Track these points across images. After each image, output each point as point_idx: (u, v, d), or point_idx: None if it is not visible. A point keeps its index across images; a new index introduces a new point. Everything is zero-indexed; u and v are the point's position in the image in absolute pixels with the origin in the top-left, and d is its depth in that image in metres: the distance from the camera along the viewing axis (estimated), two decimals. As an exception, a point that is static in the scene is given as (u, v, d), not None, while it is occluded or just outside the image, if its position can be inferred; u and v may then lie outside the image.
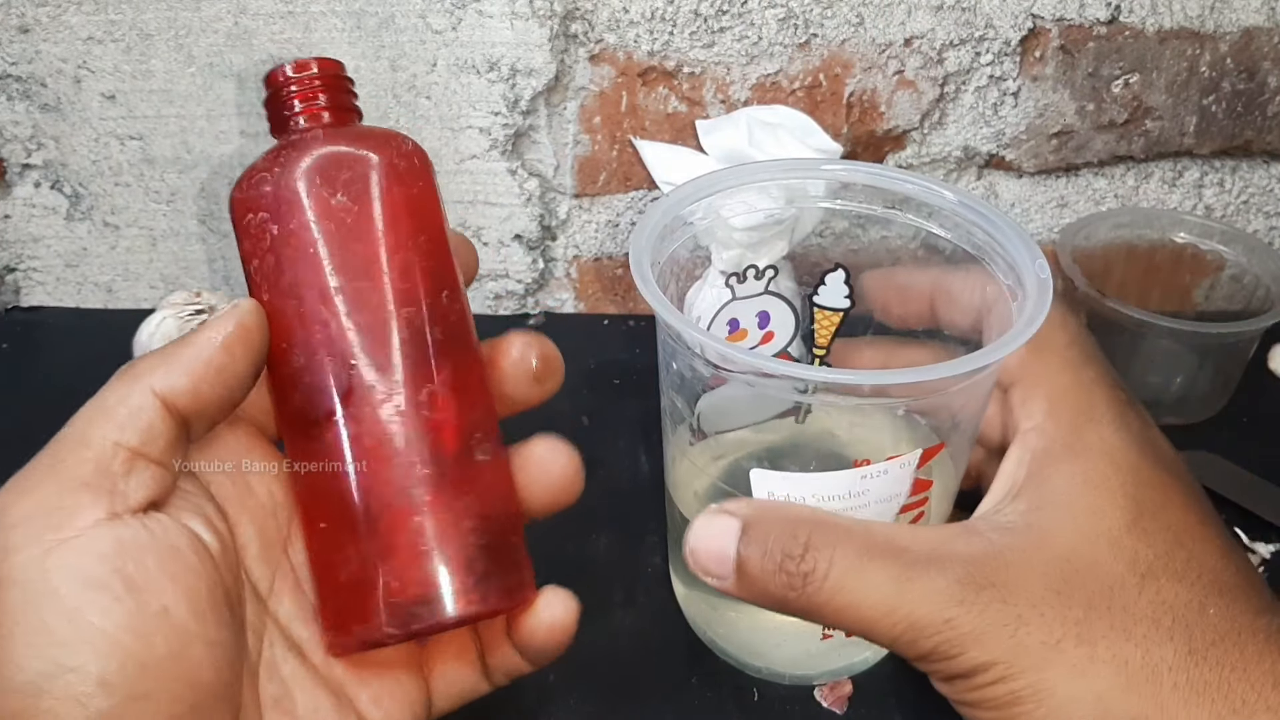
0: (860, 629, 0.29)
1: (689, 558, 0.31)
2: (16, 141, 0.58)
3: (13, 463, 0.52)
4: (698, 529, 0.31)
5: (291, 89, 0.32)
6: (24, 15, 0.55)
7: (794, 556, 0.29)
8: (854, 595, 0.29)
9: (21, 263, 0.62)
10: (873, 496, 0.33)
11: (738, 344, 0.41)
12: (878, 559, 0.29)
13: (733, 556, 0.30)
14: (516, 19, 0.54)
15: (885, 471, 0.33)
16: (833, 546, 0.29)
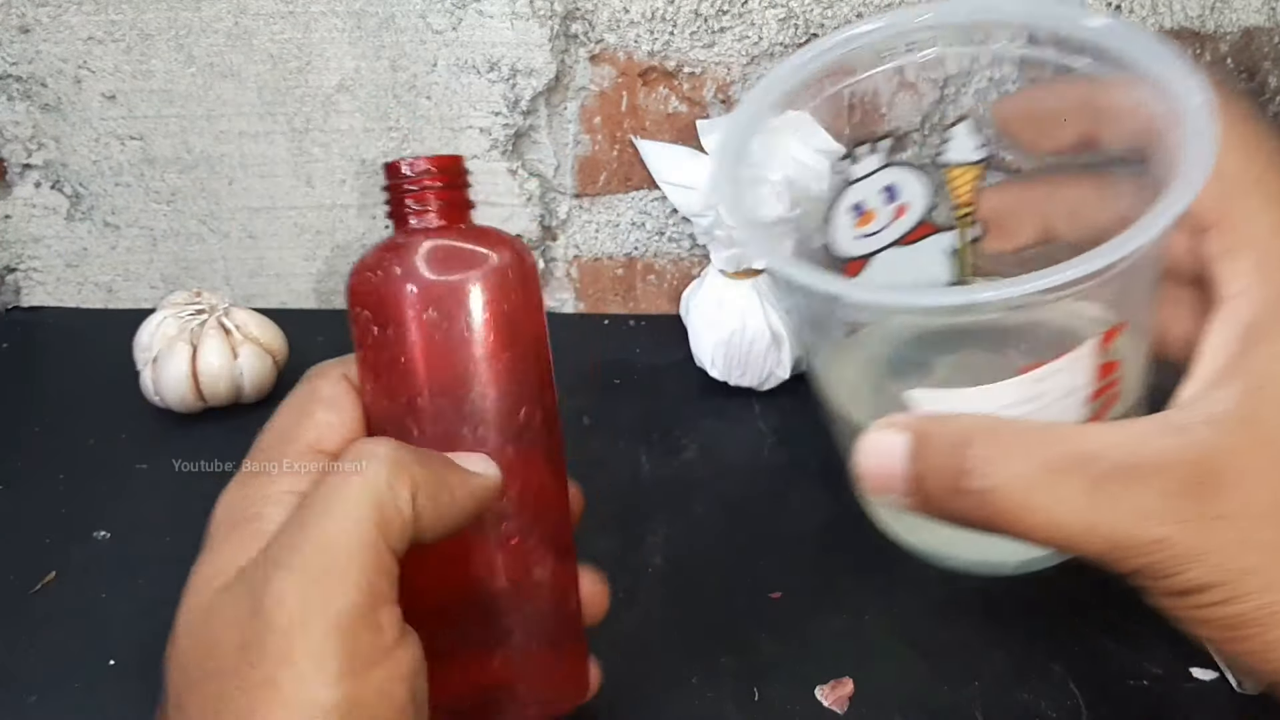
0: (1055, 546, 0.26)
1: (859, 480, 0.28)
2: (17, 141, 0.58)
3: (13, 461, 0.53)
4: (864, 449, 0.28)
5: (406, 187, 0.32)
6: (24, 15, 0.55)
7: (968, 472, 0.26)
8: (1042, 513, 0.25)
9: (22, 263, 0.62)
10: (1051, 396, 0.30)
11: (874, 285, 0.37)
12: (1066, 470, 0.25)
13: (903, 476, 0.27)
14: (517, 19, 0.54)
15: (1059, 369, 0.29)
16: (1011, 458, 0.26)
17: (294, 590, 0.25)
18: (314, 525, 0.26)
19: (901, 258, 0.34)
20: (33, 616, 0.44)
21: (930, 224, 0.38)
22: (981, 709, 0.40)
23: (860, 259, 0.37)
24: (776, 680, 0.41)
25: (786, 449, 0.53)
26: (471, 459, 0.30)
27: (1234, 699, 0.41)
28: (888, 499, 0.28)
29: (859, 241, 0.39)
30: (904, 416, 0.28)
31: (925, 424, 0.28)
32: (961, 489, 0.26)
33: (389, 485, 0.27)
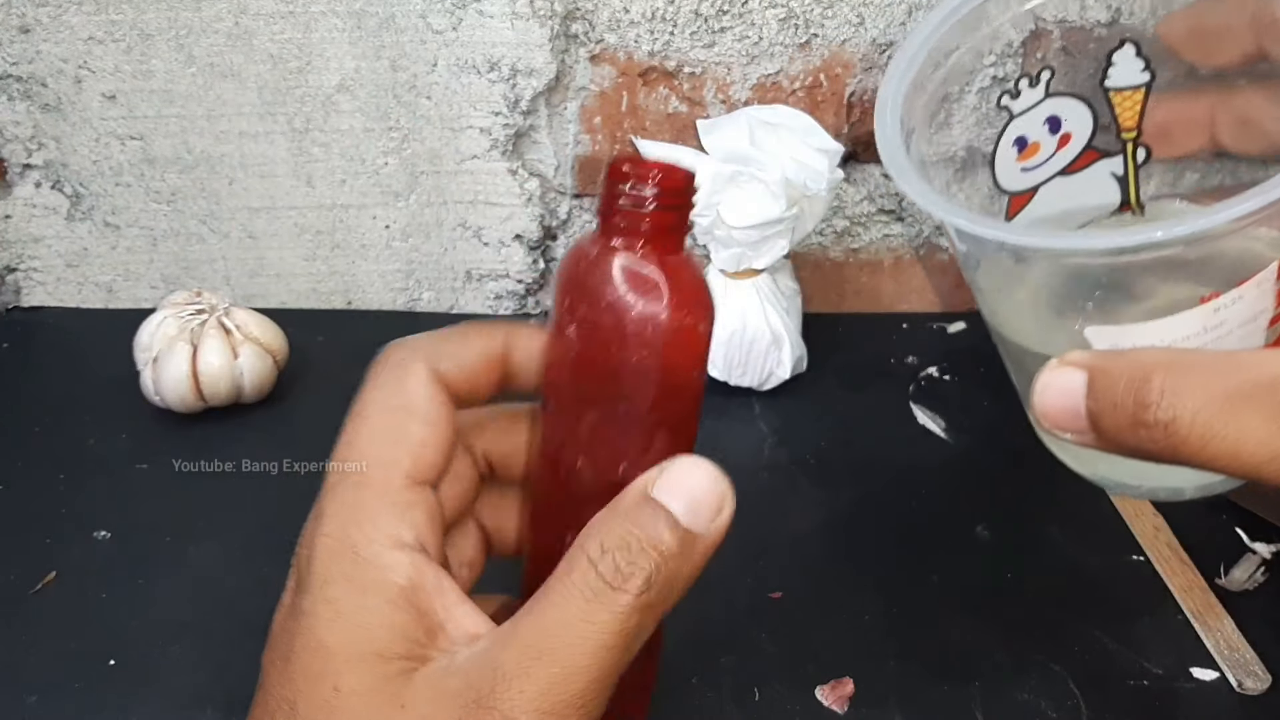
0: (1240, 475, 0.26)
1: (1038, 419, 0.28)
2: (17, 141, 0.58)
3: (13, 461, 0.53)
4: (1041, 387, 0.28)
5: (641, 192, 0.29)
6: (25, 15, 0.55)
7: (1149, 405, 0.26)
8: (1227, 442, 0.25)
9: (22, 263, 0.62)
10: (1232, 324, 0.29)
11: (1035, 228, 0.36)
12: (1251, 397, 0.25)
13: (1082, 413, 0.27)
14: (517, 19, 0.54)
15: (1240, 297, 0.29)
16: (1193, 389, 0.25)
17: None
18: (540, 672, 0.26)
19: (1068, 187, 0.34)
20: (33, 616, 0.44)
21: (1095, 150, 0.38)
22: (981, 709, 0.40)
23: (1026, 192, 0.37)
24: (777, 680, 0.41)
25: (786, 448, 0.53)
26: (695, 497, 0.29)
27: (1234, 699, 0.41)
28: (1066, 436, 0.28)
29: (1024, 175, 0.39)
30: (1080, 353, 0.28)
31: (1103, 360, 0.27)
32: (1142, 422, 0.26)
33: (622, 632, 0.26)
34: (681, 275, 0.29)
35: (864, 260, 0.62)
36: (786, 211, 0.51)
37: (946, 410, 0.55)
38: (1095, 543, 0.47)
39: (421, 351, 0.31)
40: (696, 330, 0.30)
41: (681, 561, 0.27)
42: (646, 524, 0.27)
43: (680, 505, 0.28)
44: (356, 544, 0.27)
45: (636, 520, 0.27)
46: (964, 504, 0.49)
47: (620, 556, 0.26)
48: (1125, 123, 0.38)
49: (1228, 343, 0.30)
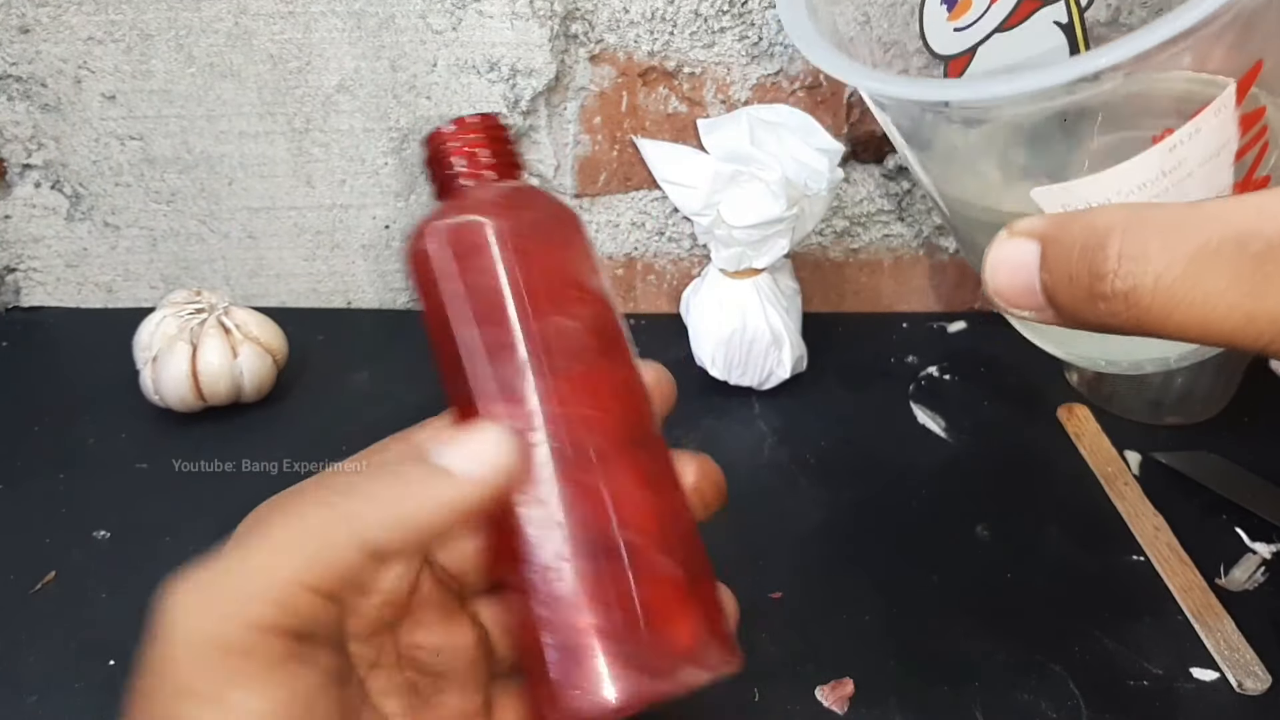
0: (1212, 341, 0.24)
1: (992, 298, 0.26)
2: (17, 142, 0.58)
3: (13, 461, 0.53)
4: (992, 263, 0.25)
5: (446, 146, 0.30)
6: (24, 15, 0.55)
7: (1105, 275, 0.23)
8: (1194, 308, 0.23)
9: (22, 263, 0.62)
10: (1193, 163, 0.27)
11: (975, 80, 0.32)
12: (1216, 254, 0.22)
13: (1038, 287, 0.25)
14: (517, 19, 0.54)
15: (1197, 130, 0.26)
16: (1152, 251, 0.23)
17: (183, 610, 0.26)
18: (234, 555, 0.26)
19: (1009, 43, 0.31)
20: (33, 616, 0.44)
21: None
22: (981, 709, 0.40)
23: (963, 54, 0.34)
24: (777, 680, 0.41)
25: (787, 448, 0.53)
26: (467, 447, 0.26)
27: (1234, 699, 0.41)
28: (1025, 314, 0.25)
29: (958, 35, 0.35)
30: (1030, 220, 0.25)
31: (1053, 225, 0.25)
32: (1100, 294, 0.23)
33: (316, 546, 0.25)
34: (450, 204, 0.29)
35: (864, 260, 0.62)
36: (787, 211, 0.51)
37: (947, 410, 0.55)
38: (1095, 543, 0.47)
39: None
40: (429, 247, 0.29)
41: (429, 496, 0.26)
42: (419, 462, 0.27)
43: (446, 447, 0.27)
44: None
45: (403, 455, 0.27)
46: (964, 504, 0.49)
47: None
48: None
49: (1190, 185, 0.27)
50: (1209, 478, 0.50)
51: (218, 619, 0.25)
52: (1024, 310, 0.25)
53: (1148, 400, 0.54)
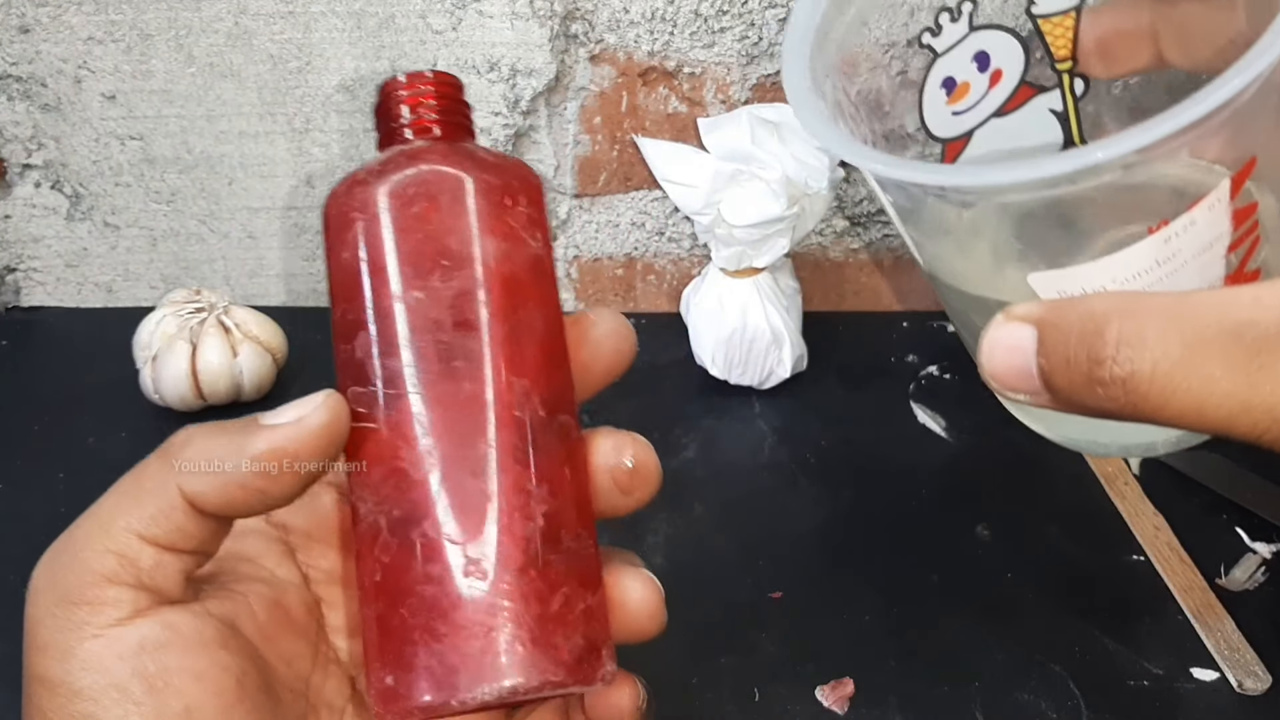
0: (1209, 430, 0.24)
1: (987, 380, 0.26)
2: (17, 141, 0.58)
3: (13, 461, 0.53)
4: (988, 346, 0.26)
5: (397, 96, 0.28)
6: (24, 15, 0.55)
7: (1103, 361, 0.23)
8: (1190, 394, 0.23)
9: (22, 263, 0.62)
10: (1187, 254, 0.27)
11: (974, 165, 0.33)
12: (1213, 343, 0.23)
13: (1034, 371, 0.25)
14: (517, 19, 0.54)
15: (1192, 223, 0.26)
16: (1150, 338, 0.23)
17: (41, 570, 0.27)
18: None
19: (1005, 128, 0.32)
20: (32, 616, 0.44)
21: (1030, 86, 0.35)
22: (982, 709, 0.40)
23: (960, 138, 0.35)
24: (777, 680, 0.41)
25: (786, 447, 0.53)
26: (291, 408, 0.27)
27: (1234, 699, 0.41)
28: (1020, 397, 0.26)
29: (956, 119, 0.36)
30: (1027, 305, 0.25)
31: (1051, 311, 0.25)
32: (1098, 379, 0.24)
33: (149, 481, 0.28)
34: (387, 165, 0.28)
35: (864, 259, 0.62)
36: (787, 210, 0.51)
37: (947, 409, 0.55)
38: (1095, 542, 0.47)
39: None
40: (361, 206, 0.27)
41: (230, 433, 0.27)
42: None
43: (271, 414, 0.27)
44: None
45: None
46: (964, 503, 0.49)
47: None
48: (1059, 52, 0.35)
49: (1184, 275, 0.27)
50: (1209, 477, 0.50)
51: (62, 572, 0.27)
52: (1020, 394, 0.25)
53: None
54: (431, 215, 0.27)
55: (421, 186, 0.27)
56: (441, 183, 0.27)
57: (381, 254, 0.27)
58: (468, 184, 0.28)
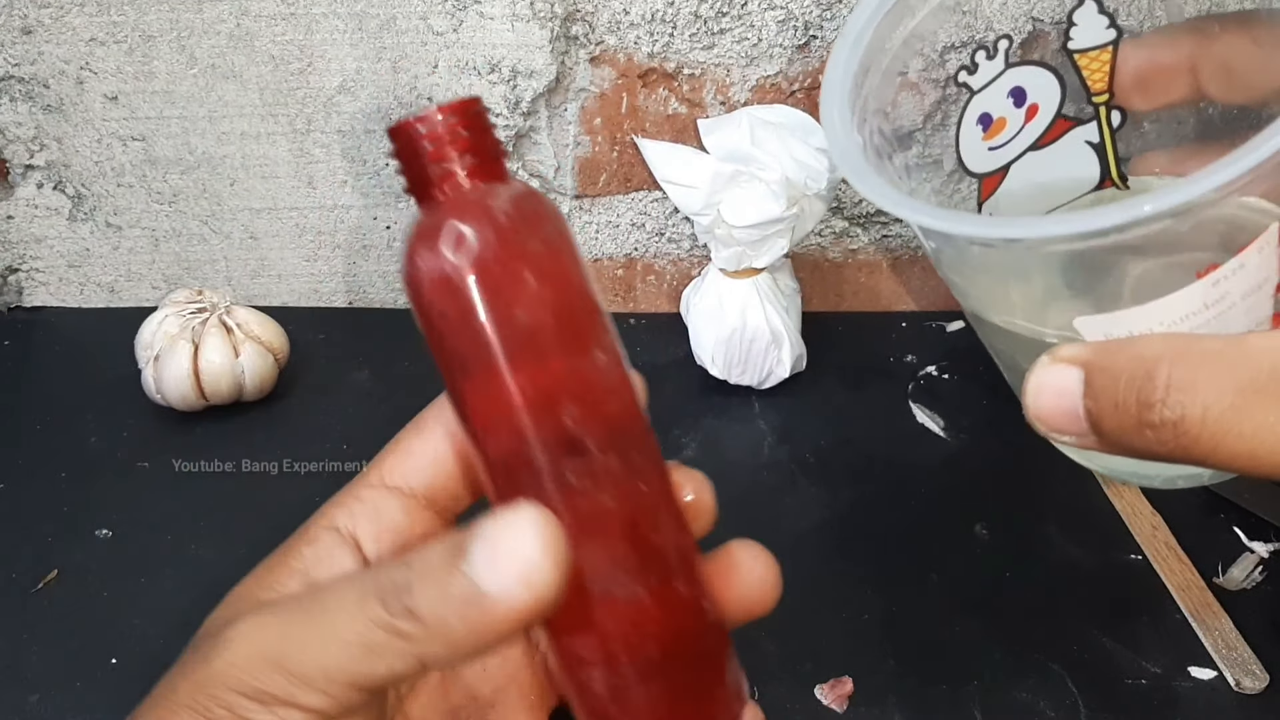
0: (1260, 473, 0.24)
1: (1033, 423, 0.26)
2: (19, 142, 0.59)
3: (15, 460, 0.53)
4: (1035, 388, 0.25)
5: (418, 142, 0.25)
6: (27, 17, 0.55)
7: (1153, 405, 0.23)
8: (1243, 440, 0.23)
9: (24, 263, 0.63)
10: (1235, 296, 0.27)
11: (1004, 219, 0.32)
12: (1267, 389, 0.23)
13: (1082, 414, 0.25)
14: (517, 21, 0.54)
15: (1241, 265, 0.26)
16: (1201, 383, 0.23)
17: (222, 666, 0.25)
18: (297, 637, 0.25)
19: (1042, 161, 0.32)
20: (34, 615, 0.44)
21: (1066, 119, 0.35)
22: (980, 708, 0.40)
23: (996, 172, 0.35)
24: (777, 679, 0.41)
25: (786, 447, 0.53)
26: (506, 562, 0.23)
27: (1232, 698, 0.41)
28: (1066, 439, 0.25)
29: (993, 154, 0.36)
30: (1074, 347, 0.25)
31: (1098, 354, 0.25)
32: (1148, 423, 0.23)
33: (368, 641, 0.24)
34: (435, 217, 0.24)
35: (863, 260, 0.63)
36: (787, 211, 0.51)
37: (945, 409, 0.55)
38: (1093, 541, 0.47)
39: None
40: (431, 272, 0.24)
41: (460, 617, 0.23)
42: (446, 559, 0.23)
43: (480, 554, 0.23)
44: (310, 521, 0.28)
45: (442, 550, 0.24)
46: (963, 503, 0.49)
47: (404, 574, 0.24)
48: (1095, 85, 0.35)
49: (1232, 317, 0.27)
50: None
51: (272, 671, 0.24)
52: (1066, 436, 0.25)
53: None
54: (551, 280, 0.25)
55: (534, 246, 0.24)
56: (552, 230, 0.25)
57: (522, 334, 0.24)
58: (564, 223, 0.26)
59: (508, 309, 0.24)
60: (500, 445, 0.25)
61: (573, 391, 0.25)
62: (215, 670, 0.25)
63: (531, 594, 0.22)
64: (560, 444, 0.24)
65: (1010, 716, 0.40)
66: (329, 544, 0.28)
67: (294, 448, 0.52)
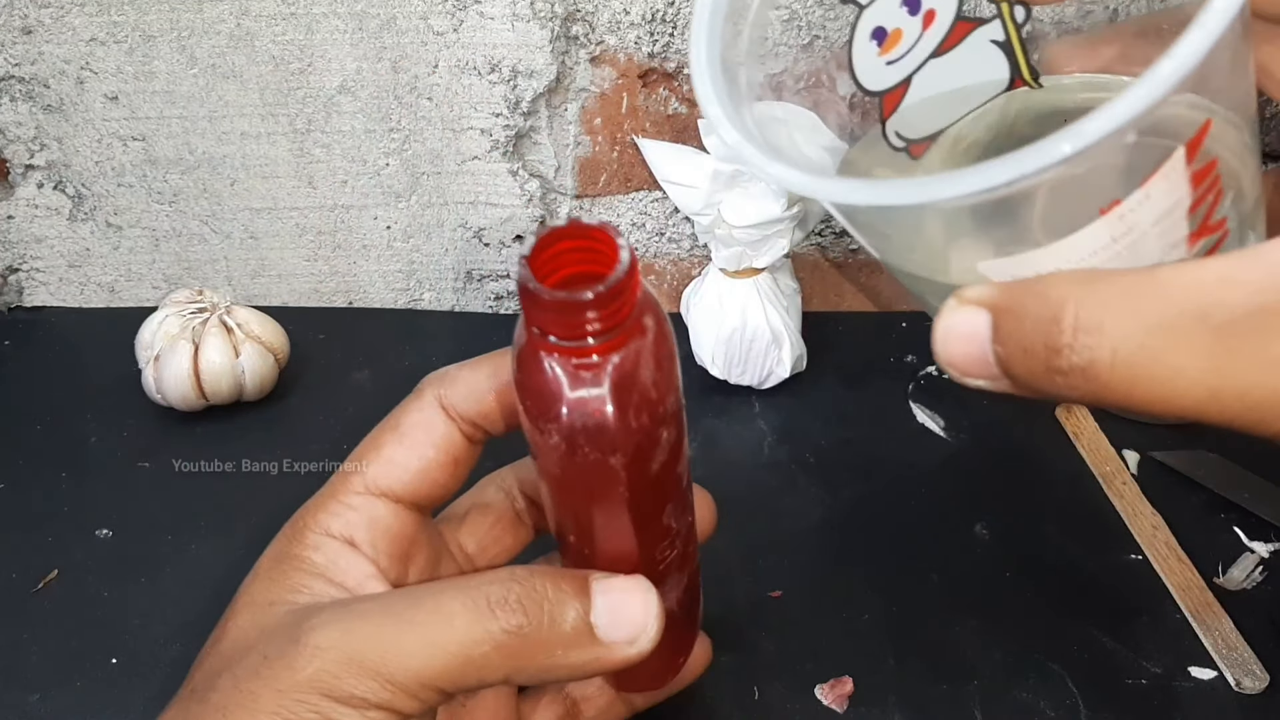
0: (1175, 416, 0.22)
1: (945, 368, 0.25)
2: (20, 142, 0.59)
3: (14, 460, 0.53)
4: (941, 332, 0.24)
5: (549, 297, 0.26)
6: (27, 16, 0.55)
7: (1060, 350, 0.22)
8: (1155, 382, 0.21)
9: (25, 263, 0.63)
10: (1143, 226, 0.25)
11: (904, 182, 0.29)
12: (1177, 328, 0.21)
13: (991, 359, 0.23)
14: (518, 21, 0.54)
15: (1147, 196, 0.24)
16: (1109, 324, 0.21)
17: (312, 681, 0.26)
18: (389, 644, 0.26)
19: (945, 68, 0.30)
20: (34, 615, 0.44)
21: (967, 21, 0.33)
22: (980, 708, 0.40)
23: (897, 87, 0.33)
24: (777, 679, 0.42)
25: (786, 447, 0.53)
26: (623, 618, 0.28)
27: (1232, 698, 0.41)
28: (979, 383, 0.24)
29: (891, 69, 0.34)
30: (979, 289, 0.24)
31: (1004, 295, 0.23)
32: (1056, 369, 0.22)
33: (475, 648, 0.26)
34: (602, 395, 0.26)
35: (863, 260, 0.63)
36: (787, 211, 0.51)
37: (946, 409, 0.55)
38: (1093, 541, 0.47)
39: (436, 378, 0.32)
40: (604, 461, 0.27)
41: (565, 647, 0.27)
42: (565, 595, 0.27)
43: (604, 606, 0.28)
44: (299, 527, 0.30)
45: (558, 585, 0.28)
46: (963, 503, 0.49)
47: (519, 594, 0.27)
48: None
49: (1145, 246, 0.25)
50: (1207, 476, 0.50)
51: (366, 676, 0.26)
52: (978, 380, 0.24)
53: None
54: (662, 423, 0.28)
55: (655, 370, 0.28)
56: (673, 373, 0.29)
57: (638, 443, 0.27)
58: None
59: (646, 455, 0.27)
60: (615, 542, 0.29)
61: (673, 499, 0.30)
62: (306, 676, 0.25)
63: (635, 650, 0.28)
64: (662, 536, 0.30)
65: (1010, 716, 0.40)
66: (335, 549, 0.30)
67: (294, 448, 0.52)
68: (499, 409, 0.30)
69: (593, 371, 0.26)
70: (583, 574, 0.28)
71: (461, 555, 0.34)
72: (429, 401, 0.31)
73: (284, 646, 0.26)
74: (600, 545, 0.29)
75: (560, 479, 0.28)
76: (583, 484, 0.28)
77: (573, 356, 0.26)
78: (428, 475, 0.31)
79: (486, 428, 0.31)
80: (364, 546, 0.30)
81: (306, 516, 0.31)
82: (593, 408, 0.26)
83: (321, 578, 0.29)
